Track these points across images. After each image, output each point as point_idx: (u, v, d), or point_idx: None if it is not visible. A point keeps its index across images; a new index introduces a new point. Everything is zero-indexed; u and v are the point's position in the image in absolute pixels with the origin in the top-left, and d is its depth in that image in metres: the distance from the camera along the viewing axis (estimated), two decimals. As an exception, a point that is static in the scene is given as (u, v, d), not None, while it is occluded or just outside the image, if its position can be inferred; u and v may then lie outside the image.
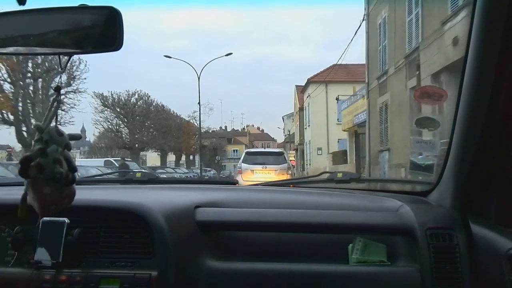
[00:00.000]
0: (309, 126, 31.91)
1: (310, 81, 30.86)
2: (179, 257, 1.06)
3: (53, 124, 0.87)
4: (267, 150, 13.11)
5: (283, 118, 54.95)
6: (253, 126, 76.39)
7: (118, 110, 31.80)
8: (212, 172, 37.52)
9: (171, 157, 40.24)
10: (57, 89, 0.86)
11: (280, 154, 11.40)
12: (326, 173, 1.75)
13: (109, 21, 0.87)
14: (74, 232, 1.09)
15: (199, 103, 28.93)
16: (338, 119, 27.22)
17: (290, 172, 10.95)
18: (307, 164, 33.53)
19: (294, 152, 41.09)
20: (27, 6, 0.82)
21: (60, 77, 0.87)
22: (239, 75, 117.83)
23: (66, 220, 1.10)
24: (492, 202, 1.06)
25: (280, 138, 66.35)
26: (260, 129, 78.00)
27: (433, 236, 1.06)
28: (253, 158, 10.69)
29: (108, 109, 31.80)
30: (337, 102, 23.82)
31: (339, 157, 22.90)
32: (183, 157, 41.59)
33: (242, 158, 10.84)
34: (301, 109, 35.91)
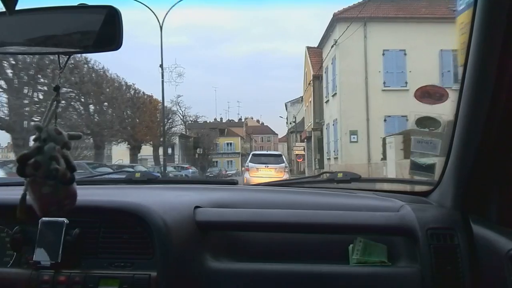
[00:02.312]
0: (333, 96, 19.43)
1: (338, 18, 18.35)
2: (178, 257, 1.05)
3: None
4: (269, 152, 16.96)
5: (286, 106, 46.72)
6: (252, 118, 72.76)
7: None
8: (190, 171, 25.16)
9: (147, 150, 25.78)
10: (56, 88, 0.85)
11: (279, 156, 14.62)
12: (326, 173, 1.74)
13: (109, 20, 0.86)
14: (73, 232, 1.09)
15: (161, 65, 18.94)
16: (385, 83, 17.15)
17: (287, 170, 13.85)
18: (329, 159, 21.11)
19: (303, 144, 30.54)
20: (27, 6, 0.81)
21: (60, 78, 0.86)
22: (238, 70, 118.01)
23: (65, 220, 1.09)
24: (493, 202, 1.05)
25: (282, 132, 60.44)
26: (260, 122, 76.09)
27: (434, 236, 1.05)
28: (258, 158, 13.86)
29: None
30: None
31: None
32: (150, 150, 26.49)
33: (249, 159, 14.06)
34: (317, 77, 23.60)
